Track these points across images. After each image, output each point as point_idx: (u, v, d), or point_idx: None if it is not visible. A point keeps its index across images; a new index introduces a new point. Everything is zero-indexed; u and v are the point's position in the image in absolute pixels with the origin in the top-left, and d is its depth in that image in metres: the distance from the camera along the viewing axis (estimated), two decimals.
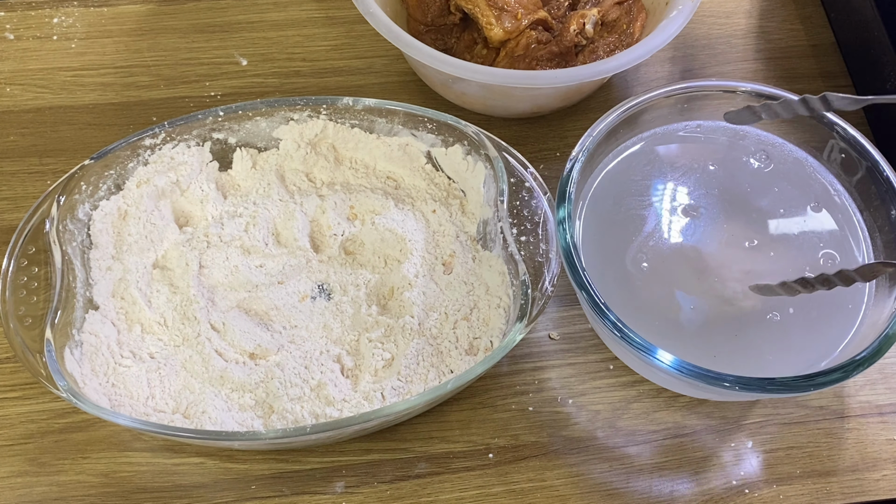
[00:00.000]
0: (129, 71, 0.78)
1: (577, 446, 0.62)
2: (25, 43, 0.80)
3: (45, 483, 0.59)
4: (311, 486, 0.60)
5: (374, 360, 0.60)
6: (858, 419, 0.64)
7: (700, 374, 0.54)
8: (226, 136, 0.68)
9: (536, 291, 0.59)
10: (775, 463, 0.62)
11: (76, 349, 0.59)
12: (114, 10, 0.82)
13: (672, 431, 0.63)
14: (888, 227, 0.62)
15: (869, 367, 0.54)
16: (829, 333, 0.61)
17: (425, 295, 0.63)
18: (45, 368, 0.55)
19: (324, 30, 0.82)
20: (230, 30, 0.81)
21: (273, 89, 0.78)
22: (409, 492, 0.60)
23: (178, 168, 0.66)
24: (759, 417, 0.64)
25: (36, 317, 0.58)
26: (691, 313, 0.62)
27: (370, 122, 0.68)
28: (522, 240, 0.62)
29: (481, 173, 0.66)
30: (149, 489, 0.60)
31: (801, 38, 0.84)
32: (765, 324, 0.61)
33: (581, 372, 0.65)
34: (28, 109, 0.76)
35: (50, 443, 0.61)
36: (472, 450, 0.62)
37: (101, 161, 0.64)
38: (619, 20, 0.75)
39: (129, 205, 0.65)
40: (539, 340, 0.66)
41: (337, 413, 0.58)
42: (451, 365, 0.60)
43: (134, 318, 0.62)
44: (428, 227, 0.67)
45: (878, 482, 0.62)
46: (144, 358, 0.60)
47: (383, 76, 0.79)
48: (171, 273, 0.63)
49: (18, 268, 0.59)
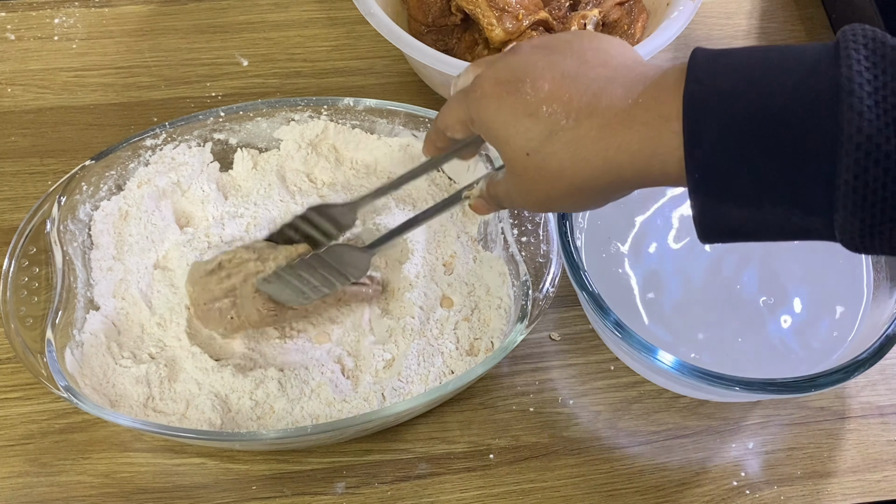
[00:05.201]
0: (130, 71, 0.78)
1: (578, 447, 0.62)
2: (26, 43, 0.80)
3: (45, 483, 0.59)
4: (312, 487, 0.60)
5: (374, 361, 0.60)
6: (859, 420, 0.64)
7: (701, 375, 0.54)
8: (227, 137, 0.68)
9: (537, 292, 0.59)
10: (776, 464, 0.62)
11: (77, 349, 0.59)
12: (115, 10, 0.82)
13: (673, 432, 0.63)
14: None
15: (870, 368, 0.55)
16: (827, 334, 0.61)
17: (426, 296, 0.63)
18: (45, 369, 0.55)
19: (325, 30, 0.82)
20: (231, 30, 0.81)
21: (274, 90, 0.78)
22: (409, 492, 0.60)
23: (178, 168, 0.66)
24: (760, 418, 0.64)
25: (37, 317, 0.58)
26: (692, 313, 0.62)
27: (371, 123, 0.68)
28: (523, 241, 0.62)
29: (482, 174, 0.66)
30: (149, 490, 0.59)
31: (802, 40, 0.84)
32: (765, 324, 0.61)
33: (582, 373, 0.65)
34: (29, 110, 0.76)
35: (50, 443, 0.61)
36: (472, 450, 0.62)
37: (102, 161, 0.64)
38: (620, 21, 0.75)
39: (129, 205, 0.65)
40: (540, 341, 0.66)
41: (337, 414, 0.58)
42: (452, 366, 0.60)
43: (134, 319, 0.62)
44: (429, 227, 0.67)
45: (879, 483, 0.62)
46: (145, 358, 0.60)
47: (384, 77, 0.79)
48: (171, 273, 0.63)
49: (19, 268, 0.59)
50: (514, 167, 0.45)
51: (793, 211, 0.36)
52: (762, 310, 0.62)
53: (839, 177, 0.34)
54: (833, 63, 0.35)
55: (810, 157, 0.35)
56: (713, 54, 0.38)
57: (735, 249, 0.63)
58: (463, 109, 0.47)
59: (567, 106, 0.42)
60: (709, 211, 0.38)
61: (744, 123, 0.36)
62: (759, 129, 0.36)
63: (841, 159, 0.34)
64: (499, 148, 0.45)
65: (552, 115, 0.42)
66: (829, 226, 0.36)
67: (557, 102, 0.42)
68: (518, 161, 0.44)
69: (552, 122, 0.42)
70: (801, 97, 0.35)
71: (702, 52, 0.39)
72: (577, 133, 0.41)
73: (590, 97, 0.41)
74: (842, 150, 0.34)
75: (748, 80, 0.36)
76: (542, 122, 0.42)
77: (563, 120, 0.42)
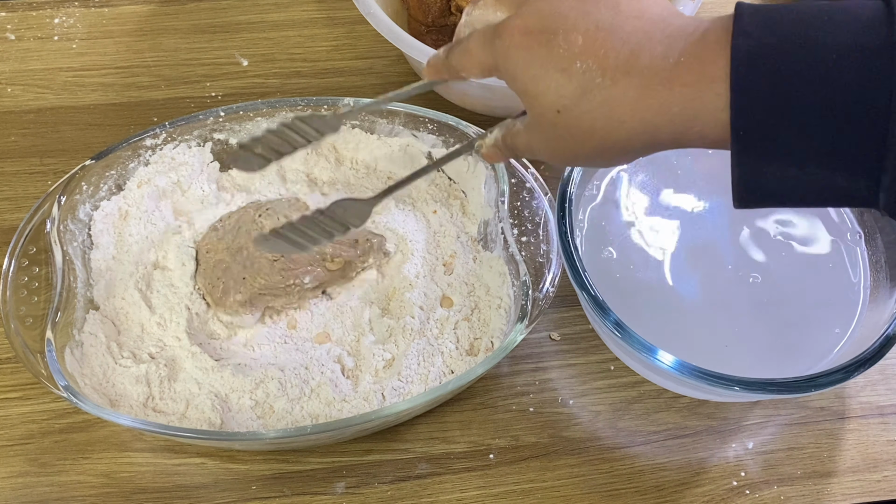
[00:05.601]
0: (130, 71, 0.78)
1: (577, 447, 0.62)
2: (27, 43, 0.80)
3: (45, 483, 0.59)
4: (312, 487, 0.60)
5: (374, 361, 0.60)
6: (859, 420, 0.64)
7: (701, 375, 0.54)
8: (227, 137, 0.68)
9: (537, 292, 0.59)
10: (776, 464, 0.62)
11: (77, 349, 0.59)
12: (115, 10, 0.82)
13: (673, 432, 0.63)
14: (889, 228, 0.62)
15: (870, 368, 0.55)
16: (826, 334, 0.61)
17: (426, 296, 0.63)
18: (45, 368, 0.55)
19: (325, 30, 0.82)
20: (231, 30, 0.81)
21: (274, 90, 0.78)
22: (409, 492, 0.60)
23: (178, 168, 0.66)
24: (760, 418, 0.64)
25: (37, 317, 0.58)
26: (693, 313, 0.62)
27: (371, 123, 0.68)
28: (523, 240, 0.62)
29: (482, 174, 0.66)
30: (149, 489, 0.59)
31: None
32: (765, 324, 0.61)
33: (582, 372, 0.65)
34: (29, 110, 0.76)
35: (50, 443, 0.61)
36: (472, 450, 0.62)
37: (102, 161, 0.64)
38: None
39: (129, 205, 0.65)
40: (540, 341, 0.66)
41: (337, 413, 0.58)
42: (452, 365, 0.60)
43: (134, 319, 0.62)
44: (429, 227, 0.67)
45: (879, 483, 0.62)
46: (145, 358, 0.60)
47: (384, 77, 0.79)
48: (171, 273, 0.63)
49: (19, 268, 0.59)
50: (540, 122, 0.43)
51: (838, 172, 0.35)
52: (763, 309, 0.62)
53: (891, 137, 0.33)
54: (888, 20, 0.34)
55: (862, 116, 0.34)
56: (758, 8, 0.37)
57: (735, 250, 0.63)
58: (487, 54, 0.44)
59: (603, 62, 0.39)
60: (751, 171, 0.37)
61: (794, 80, 0.35)
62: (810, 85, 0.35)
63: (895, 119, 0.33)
64: (526, 102, 0.43)
65: (587, 71, 0.40)
66: (875, 189, 0.35)
67: (592, 58, 0.40)
68: (547, 117, 0.42)
69: (587, 80, 0.40)
70: (855, 54, 0.34)
71: (747, 7, 0.37)
72: (614, 92, 0.39)
73: (627, 54, 0.39)
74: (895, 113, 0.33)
75: (799, 36, 0.35)
76: (576, 78, 0.40)
77: (599, 77, 0.40)
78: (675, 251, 0.64)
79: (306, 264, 0.62)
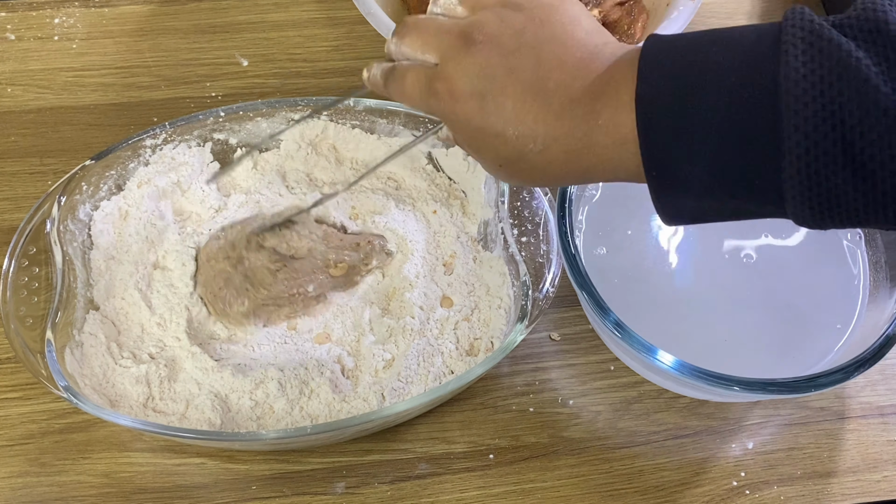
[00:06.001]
0: (130, 71, 0.78)
1: (577, 447, 0.62)
2: (27, 43, 0.80)
3: (45, 483, 0.59)
4: (312, 487, 0.60)
5: (374, 361, 0.60)
6: (859, 420, 0.64)
7: (700, 375, 0.54)
8: (227, 137, 0.68)
9: (537, 292, 0.59)
10: (776, 464, 0.62)
11: (77, 349, 0.59)
12: (115, 10, 0.82)
13: (673, 432, 0.63)
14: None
15: (870, 368, 0.55)
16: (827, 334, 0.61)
17: (426, 296, 0.63)
18: (45, 368, 0.55)
19: (325, 30, 0.82)
20: (231, 30, 0.81)
21: (274, 90, 0.78)
22: (409, 492, 0.60)
23: (178, 168, 0.66)
24: (760, 418, 0.64)
25: (37, 317, 0.58)
26: (693, 313, 0.62)
27: (371, 123, 0.68)
28: (523, 240, 0.62)
29: (482, 174, 0.66)
30: (149, 490, 0.59)
31: None
32: (766, 325, 0.61)
33: (582, 373, 0.65)
34: (29, 110, 0.76)
35: (50, 443, 0.61)
36: (472, 451, 0.62)
37: (102, 161, 0.64)
38: (620, 21, 0.75)
39: (129, 205, 0.65)
40: (540, 341, 0.66)
41: (337, 414, 0.58)
42: (452, 366, 0.60)
43: (134, 319, 0.62)
44: (429, 227, 0.67)
45: (879, 483, 0.62)
46: (144, 358, 0.60)
47: None
48: (171, 273, 0.63)
49: (19, 268, 0.59)
50: (485, 166, 0.47)
51: (749, 200, 0.38)
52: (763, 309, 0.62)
53: (784, 171, 0.36)
54: (773, 58, 0.36)
55: (757, 155, 0.36)
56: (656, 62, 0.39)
57: (735, 251, 0.63)
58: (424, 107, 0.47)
59: (533, 129, 0.43)
60: (671, 203, 0.41)
61: (695, 128, 0.37)
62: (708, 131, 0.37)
63: (783, 156, 0.35)
64: (469, 151, 0.47)
65: (520, 137, 0.43)
66: (783, 212, 0.38)
67: (522, 125, 0.43)
68: (490, 166, 0.47)
69: (520, 145, 0.43)
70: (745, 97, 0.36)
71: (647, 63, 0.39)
72: (546, 157, 0.43)
73: (553, 118, 0.42)
74: (784, 147, 0.35)
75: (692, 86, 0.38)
76: (511, 144, 0.43)
77: (531, 144, 0.43)
78: (675, 251, 0.64)
79: (309, 272, 0.62)
